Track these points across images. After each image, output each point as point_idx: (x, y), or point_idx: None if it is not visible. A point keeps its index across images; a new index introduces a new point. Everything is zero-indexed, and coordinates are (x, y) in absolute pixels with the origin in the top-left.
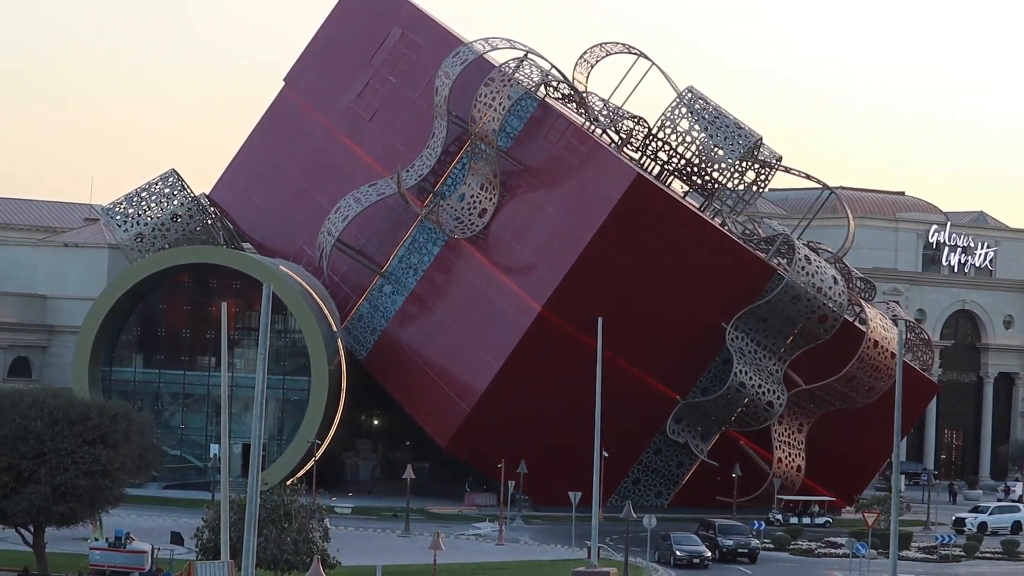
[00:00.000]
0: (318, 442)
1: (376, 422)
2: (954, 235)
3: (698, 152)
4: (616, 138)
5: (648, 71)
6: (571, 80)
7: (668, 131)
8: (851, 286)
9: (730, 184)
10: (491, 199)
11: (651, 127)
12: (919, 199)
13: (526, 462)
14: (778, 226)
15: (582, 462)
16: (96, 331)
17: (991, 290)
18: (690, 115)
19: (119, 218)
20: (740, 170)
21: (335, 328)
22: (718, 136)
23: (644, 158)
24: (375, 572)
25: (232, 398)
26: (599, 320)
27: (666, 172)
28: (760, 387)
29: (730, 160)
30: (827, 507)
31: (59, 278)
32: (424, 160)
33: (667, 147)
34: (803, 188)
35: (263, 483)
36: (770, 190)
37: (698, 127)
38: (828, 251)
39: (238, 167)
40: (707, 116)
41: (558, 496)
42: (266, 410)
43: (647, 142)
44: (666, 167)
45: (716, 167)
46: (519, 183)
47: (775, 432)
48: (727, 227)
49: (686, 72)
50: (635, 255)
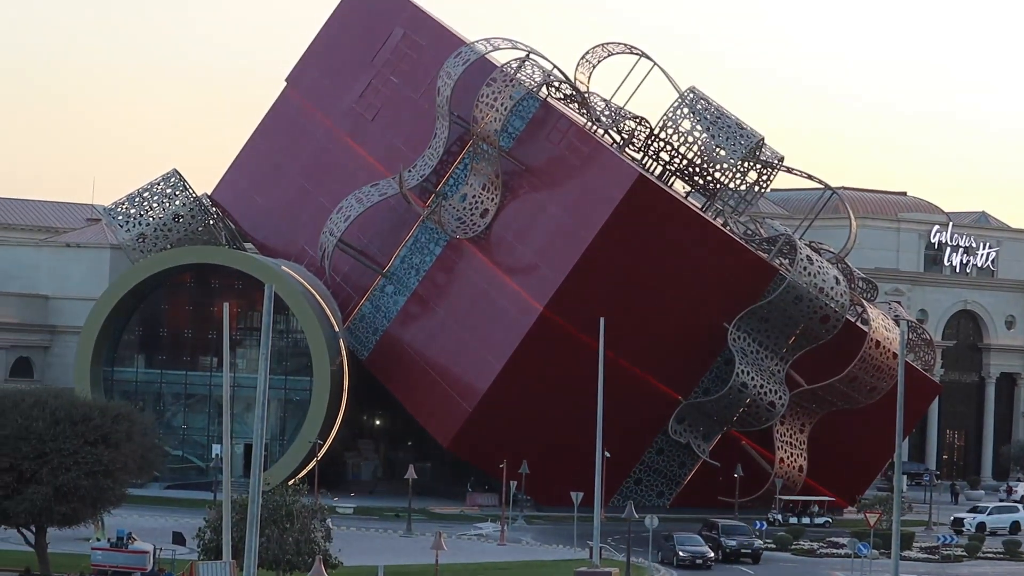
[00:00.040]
0: (320, 442)
1: (378, 422)
2: (956, 235)
3: (700, 152)
4: (618, 138)
5: (650, 71)
6: (573, 80)
7: (670, 131)
8: (853, 286)
9: (732, 184)
10: (493, 199)
11: (653, 127)
12: (921, 199)
13: (528, 462)
14: (780, 226)
15: (584, 462)
16: (98, 331)
17: (993, 290)
18: (692, 115)
19: (121, 218)
20: (742, 170)
21: (337, 328)
22: (720, 136)
23: (646, 158)
24: (377, 572)
25: (234, 398)
26: (601, 320)
27: (668, 172)
28: (762, 387)
29: (732, 160)
30: (826, 507)
31: (61, 278)
32: (426, 160)
33: (669, 147)
34: (805, 188)
35: (265, 483)
36: (772, 190)
37: (700, 127)
38: (830, 251)
39: (240, 167)
40: (709, 116)
41: (560, 496)
42: (268, 410)
43: (649, 142)
44: (668, 167)
45: (718, 167)
46: (521, 183)
47: (777, 432)
48: (729, 227)
49: (686, 72)
50: (637, 255)
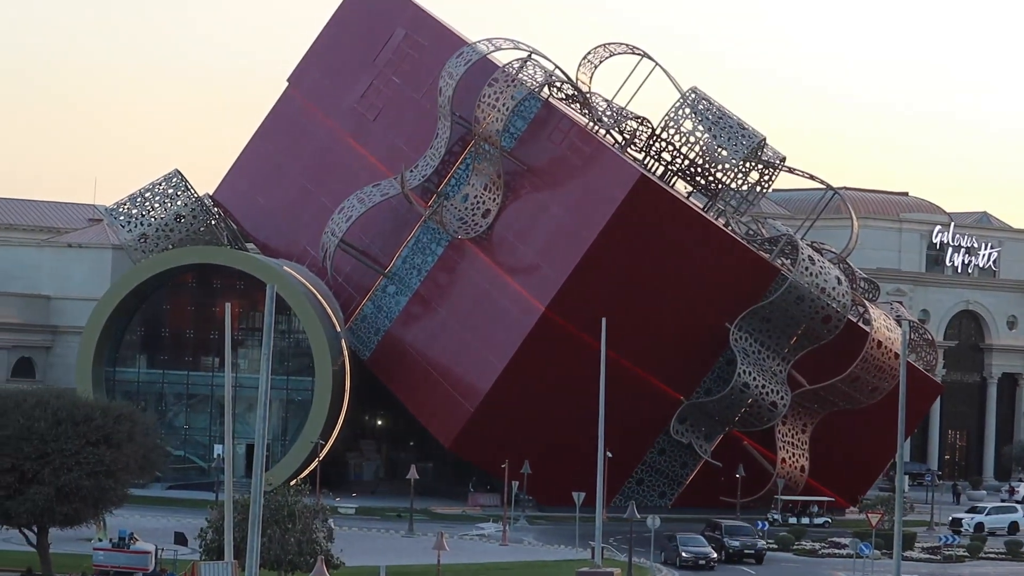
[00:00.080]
0: (322, 442)
1: (380, 422)
2: (958, 236)
3: (702, 152)
4: (620, 138)
5: (652, 72)
6: (575, 80)
7: (672, 131)
8: (855, 286)
9: (734, 184)
10: (495, 199)
11: (655, 127)
12: (922, 200)
13: (530, 462)
14: (782, 226)
15: (586, 462)
16: (100, 331)
17: (995, 291)
18: (694, 115)
19: (123, 218)
20: (744, 170)
21: (339, 328)
22: (722, 136)
23: (648, 159)
24: (379, 572)
25: (236, 398)
26: (603, 320)
27: (670, 173)
28: (764, 387)
29: (734, 160)
30: (826, 507)
31: (63, 279)
32: (428, 160)
33: (671, 147)
34: (807, 189)
35: (267, 483)
36: (774, 191)
37: (702, 127)
38: (832, 251)
39: (242, 167)
40: (711, 116)
41: (562, 496)
42: (270, 410)
43: (651, 142)
44: (670, 168)
45: (720, 167)
46: (523, 183)
47: (779, 432)
48: (731, 227)
49: (687, 72)
50: (639, 255)
